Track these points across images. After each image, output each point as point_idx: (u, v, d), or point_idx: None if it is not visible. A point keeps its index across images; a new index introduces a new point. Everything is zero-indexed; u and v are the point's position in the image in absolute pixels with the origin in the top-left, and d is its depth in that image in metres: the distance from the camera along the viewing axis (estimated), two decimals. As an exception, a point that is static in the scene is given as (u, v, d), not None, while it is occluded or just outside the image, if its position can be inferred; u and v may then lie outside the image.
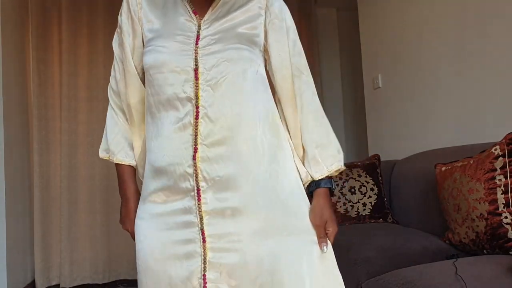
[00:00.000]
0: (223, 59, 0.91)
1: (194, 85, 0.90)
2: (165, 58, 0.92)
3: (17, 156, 2.84)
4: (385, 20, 2.82)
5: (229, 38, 0.93)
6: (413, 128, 2.55)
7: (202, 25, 0.94)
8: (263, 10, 0.97)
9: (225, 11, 0.96)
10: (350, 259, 1.60)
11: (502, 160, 1.39)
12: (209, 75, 0.90)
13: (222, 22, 0.95)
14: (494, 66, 1.90)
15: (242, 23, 0.96)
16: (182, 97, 0.91)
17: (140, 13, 0.98)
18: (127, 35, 0.99)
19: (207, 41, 0.92)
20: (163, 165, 0.92)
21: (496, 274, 1.13)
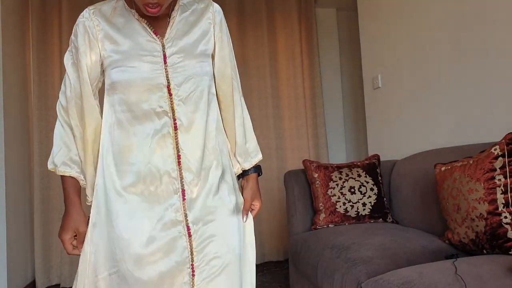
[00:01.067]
0: (191, 76, 1.04)
1: (168, 100, 1.02)
2: (137, 77, 1.00)
3: (17, 156, 2.85)
4: (385, 20, 2.82)
5: (193, 56, 1.05)
6: (413, 128, 2.55)
7: (166, 44, 1.03)
8: (212, 25, 1.11)
9: (182, 29, 1.07)
10: (350, 259, 1.60)
11: (501, 160, 1.39)
12: (180, 91, 1.03)
13: (184, 40, 1.05)
14: (494, 66, 1.90)
15: (200, 39, 1.08)
16: (158, 111, 1.02)
17: (98, 34, 1.03)
18: (83, 55, 1.03)
19: (174, 59, 1.03)
20: (148, 172, 1.02)
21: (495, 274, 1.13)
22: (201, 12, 1.11)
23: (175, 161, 1.03)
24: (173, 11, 1.07)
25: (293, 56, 3.67)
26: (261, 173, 1.25)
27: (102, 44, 1.03)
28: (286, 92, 3.64)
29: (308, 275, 1.96)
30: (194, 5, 1.11)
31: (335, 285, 1.63)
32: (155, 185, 1.03)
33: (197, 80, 1.05)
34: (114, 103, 1.04)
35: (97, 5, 1.06)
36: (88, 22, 1.03)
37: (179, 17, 1.07)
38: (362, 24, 3.16)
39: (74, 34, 1.05)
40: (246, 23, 3.57)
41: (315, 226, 2.17)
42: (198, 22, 1.10)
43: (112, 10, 1.05)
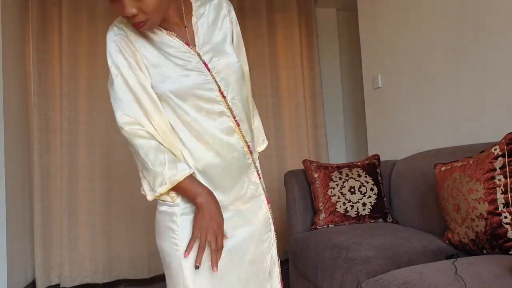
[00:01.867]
0: (230, 78, 1.09)
1: (224, 102, 1.07)
2: (192, 85, 1.03)
3: (17, 156, 2.85)
4: (385, 20, 2.82)
5: (224, 58, 1.09)
6: (413, 128, 2.55)
7: (201, 53, 1.07)
8: (229, 21, 1.16)
9: (206, 34, 1.10)
10: (349, 259, 1.60)
11: (501, 160, 1.39)
12: (228, 94, 1.08)
13: (212, 46, 1.10)
14: (494, 66, 1.90)
15: (224, 37, 1.13)
16: (219, 111, 1.06)
17: (136, 46, 1.04)
18: (137, 68, 1.03)
19: (213, 64, 1.07)
20: (225, 163, 1.08)
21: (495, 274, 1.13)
22: (216, 10, 1.14)
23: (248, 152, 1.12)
24: (192, 17, 1.10)
25: (293, 56, 3.67)
26: None
27: (142, 54, 1.04)
28: (286, 92, 3.64)
29: (308, 275, 1.96)
30: (207, 5, 1.14)
31: (335, 285, 1.63)
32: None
33: (236, 81, 1.11)
34: (176, 108, 1.04)
35: (120, 20, 1.06)
36: (124, 36, 1.04)
37: (199, 23, 1.10)
38: (362, 24, 3.16)
39: (117, 52, 1.03)
40: (246, 23, 3.57)
41: (315, 226, 2.17)
42: (217, 21, 1.13)
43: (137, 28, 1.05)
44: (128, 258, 3.17)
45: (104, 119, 3.20)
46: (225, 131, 1.07)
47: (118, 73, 1.04)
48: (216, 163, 1.06)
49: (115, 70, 1.04)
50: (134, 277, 3.18)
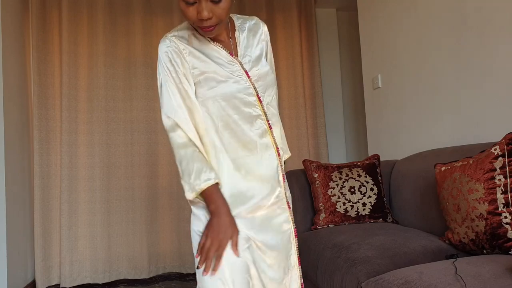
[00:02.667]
0: (266, 87, 1.22)
1: (260, 106, 1.19)
2: (236, 89, 1.15)
3: (17, 156, 2.85)
4: (385, 20, 2.82)
5: (262, 68, 1.22)
6: (413, 128, 2.55)
7: (242, 62, 1.20)
8: (264, 41, 1.29)
9: (246, 47, 1.23)
10: (349, 259, 1.60)
11: (501, 160, 1.39)
12: (264, 99, 1.21)
13: (252, 56, 1.23)
14: (494, 66, 1.90)
15: (261, 53, 1.26)
16: (255, 115, 1.18)
17: (186, 56, 1.16)
18: (183, 76, 1.15)
19: (253, 73, 1.20)
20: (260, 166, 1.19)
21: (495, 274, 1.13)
22: (254, 29, 1.28)
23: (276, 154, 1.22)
24: (235, 31, 1.24)
25: (293, 56, 3.67)
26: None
27: (191, 64, 1.15)
28: (286, 92, 3.64)
29: (308, 275, 1.96)
30: (247, 23, 1.28)
31: (335, 285, 1.63)
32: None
33: (269, 89, 1.24)
34: (224, 108, 1.16)
35: (173, 32, 1.19)
36: (175, 48, 1.15)
37: (241, 37, 1.24)
38: (362, 24, 3.16)
39: (167, 62, 1.15)
40: (246, 23, 3.57)
41: (315, 226, 2.17)
42: (255, 38, 1.27)
43: (187, 36, 1.18)
44: (128, 258, 3.17)
45: (104, 119, 3.20)
46: (260, 133, 1.19)
47: (165, 81, 1.15)
48: (251, 160, 1.17)
49: (163, 78, 1.16)
50: (134, 277, 3.18)
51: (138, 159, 3.25)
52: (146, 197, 3.25)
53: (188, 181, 1.11)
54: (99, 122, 3.19)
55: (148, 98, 3.31)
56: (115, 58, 3.27)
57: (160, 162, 3.30)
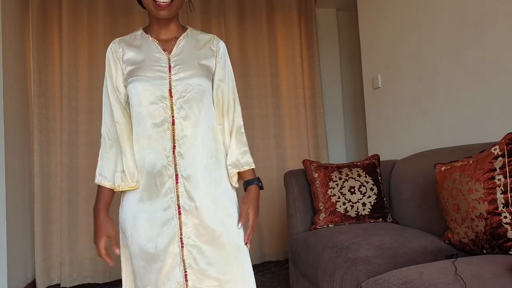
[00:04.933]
0: (189, 82, 1.23)
1: (169, 100, 1.22)
2: (145, 83, 1.21)
3: (17, 156, 2.85)
4: (385, 20, 2.83)
5: (193, 68, 1.25)
6: (413, 128, 2.55)
7: (171, 58, 1.26)
8: (214, 52, 1.32)
9: (186, 49, 1.29)
10: (349, 259, 1.60)
11: (501, 160, 1.39)
12: (177, 93, 1.22)
13: (187, 57, 1.27)
14: (494, 66, 1.90)
15: (202, 58, 1.29)
16: (160, 117, 1.22)
17: (122, 56, 1.28)
18: (114, 72, 1.28)
19: (176, 69, 1.24)
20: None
21: (495, 274, 1.13)
22: (206, 41, 1.33)
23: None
24: (180, 36, 1.31)
25: (293, 56, 3.67)
26: (260, 185, 1.35)
27: (123, 62, 1.27)
28: (286, 92, 3.64)
29: (308, 275, 1.96)
30: (200, 35, 1.35)
31: (335, 285, 1.63)
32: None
33: (193, 88, 1.24)
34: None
35: (122, 37, 1.33)
36: (113, 49, 1.29)
37: (185, 41, 1.30)
38: (362, 24, 3.16)
39: (106, 60, 1.29)
40: (246, 23, 3.57)
41: (315, 226, 2.17)
42: (202, 47, 1.31)
43: (132, 38, 1.31)
44: (128, 258, 3.17)
45: (104, 118, 3.19)
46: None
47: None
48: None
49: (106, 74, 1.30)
50: (134, 277, 3.18)
51: (138, 159, 3.25)
52: (146, 197, 3.25)
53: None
54: (99, 122, 3.17)
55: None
56: (115, 58, 3.27)
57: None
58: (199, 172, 1.22)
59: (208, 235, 1.20)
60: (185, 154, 1.21)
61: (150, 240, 1.20)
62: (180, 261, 1.19)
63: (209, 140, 1.26)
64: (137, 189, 1.24)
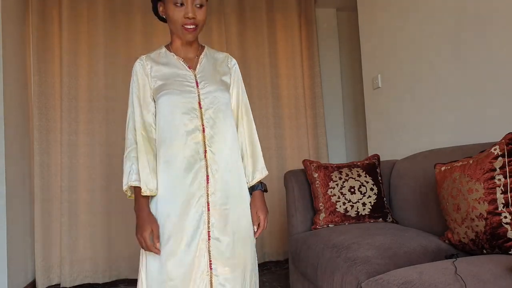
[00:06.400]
0: (214, 95, 1.41)
1: (199, 111, 1.39)
2: (177, 96, 1.37)
3: (17, 156, 2.85)
4: (385, 20, 2.83)
5: (216, 82, 1.44)
6: (413, 128, 2.55)
7: (197, 75, 1.43)
8: (229, 69, 1.53)
9: (207, 67, 1.47)
10: (349, 259, 1.60)
11: (501, 160, 1.40)
12: (205, 104, 1.40)
13: (209, 73, 1.45)
14: (494, 66, 1.90)
15: (221, 74, 1.49)
16: (191, 127, 1.38)
17: (149, 71, 1.43)
18: (141, 86, 1.42)
19: (202, 84, 1.42)
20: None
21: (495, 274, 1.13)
22: (222, 60, 1.53)
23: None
24: (201, 54, 1.49)
25: (293, 56, 3.67)
26: (265, 190, 1.53)
27: (152, 77, 1.42)
28: (286, 92, 3.64)
29: (308, 275, 1.96)
30: (216, 54, 1.54)
31: (335, 285, 1.63)
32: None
33: (218, 100, 1.42)
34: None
35: (148, 54, 1.48)
36: (141, 64, 1.44)
37: (205, 59, 1.48)
38: (362, 24, 3.16)
39: (133, 74, 1.43)
40: (246, 23, 3.57)
41: (315, 226, 2.17)
42: (220, 65, 1.51)
43: (157, 55, 1.46)
44: (128, 258, 3.18)
45: (104, 118, 3.20)
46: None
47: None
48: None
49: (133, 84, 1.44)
50: (134, 277, 3.18)
51: (138, 159, 3.25)
52: (146, 197, 3.25)
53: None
54: (99, 122, 3.19)
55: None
56: (115, 57, 3.27)
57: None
58: (226, 172, 1.39)
59: (228, 227, 1.37)
60: (215, 157, 1.37)
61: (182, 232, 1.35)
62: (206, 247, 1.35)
63: (234, 145, 1.43)
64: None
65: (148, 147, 1.36)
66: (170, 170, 1.35)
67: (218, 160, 1.37)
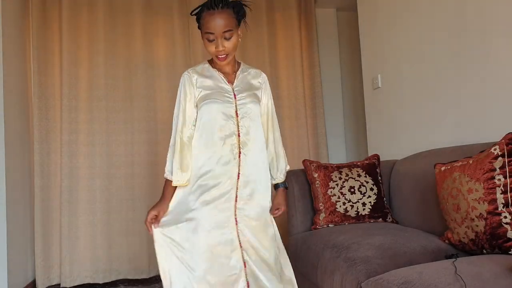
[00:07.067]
0: (248, 107, 1.66)
1: (235, 119, 1.63)
2: (219, 105, 1.62)
3: (17, 156, 2.85)
4: (385, 20, 2.83)
5: (249, 96, 1.68)
6: (413, 128, 2.55)
7: (234, 89, 1.67)
8: (261, 84, 1.77)
9: (243, 82, 1.71)
10: (349, 259, 1.60)
11: (501, 160, 1.40)
12: (241, 114, 1.65)
13: (244, 88, 1.70)
14: (494, 66, 1.91)
15: (254, 89, 1.73)
16: (229, 133, 1.63)
17: (195, 82, 1.67)
18: (188, 94, 1.66)
19: (239, 97, 1.66)
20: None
21: (495, 274, 1.13)
22: (255, 75, 1.77)
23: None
24: (238, 70, 1.72)
25: (293, 56, 3.67)
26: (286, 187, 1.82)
27: (196, 87, 1.65)
28: (286, 92, 3.64)
29: (308, 275, 1.96)
30: (250, 70, 1.77)
31: (335, 285, 1.63)
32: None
33: (250, 110, 1.66)
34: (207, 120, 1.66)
35: (192, 67, 1.72)
36: (188, 76, 1.67)
37: (241, 75, 1.72)
38: (362, 24, 3.16)
39: (181, 85, 1.67)
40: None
41: (315, 226, 2.17)
42: (253, 80, 1.75)
43: (202, 69, 1.70)
44: (128, 258, 3.17)
45: (104, 118, 3.20)
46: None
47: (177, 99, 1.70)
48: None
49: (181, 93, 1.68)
50: (134, 277, 3.18)
51: (138, 159, 3.25)
52: (146, 197, 3.25)
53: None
54: (99, 122, 3.19)
55: (148, 98, 3.31)
56: (115, 58, 3.27)
57: (160, 162, 3.30)
58: (255, 172, 1.65)
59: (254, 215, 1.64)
60: (247, 158, 1.62)
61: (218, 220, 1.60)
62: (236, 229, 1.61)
63: (263, 149, 1.69)
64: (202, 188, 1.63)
65: (184, 146, 1.62)
66: (210, 163, 1.61)
67: (248, 163, 1.63)
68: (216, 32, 1.56)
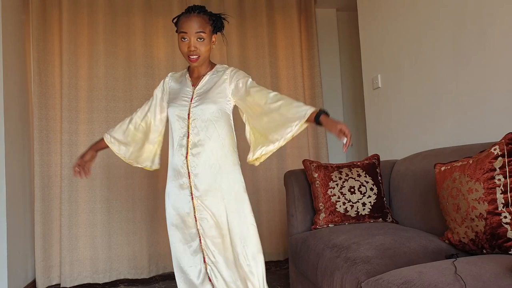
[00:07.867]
0: (199, 108, 1.70)
1: (187, 121, 1.71)
2: (175, 109, 1.74)
3: (17, 156, 2.85)
4: (385, 20, 2.83)
5: (207, 98, 1.72)
6: (413, 128, 2.55)
7: (196, 91, 1.75)
8: (228, 77, 1.76)
9: (208, 83, 1.76)
10: (349, 259, 1.60)
11: (501, 160, 1.40)
12: (192, 115, 1.71)
13: (207, 88, 1.75)
14: (494, 66, 1.91)
15: (218, 86, 1.74)
16: (183, 128, 1.73)
17: (167, 87, 1.86)
18: (160, 95, 1.87)
19: (195, 100, 1.73)
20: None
21: (495, 274, 1.13)
22: (222, 73, 1.77)
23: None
24: (207, 74, 1.77)
25: (293, 56, 3.67)
26: (327, 113, 1.59)
27: (168, 92, 1.84)
28: (286, 92, 3.64)
29: (308, 275, 1.96)
30: (222, 70, 1.78)
31: (335, 284, 1.63)
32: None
33: (203, 112, 1.70)
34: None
35: (175, 72, 1.90)
36: (163, 82, 1.87)
37: (209, 77, 1.77)
38: (362, 24, 3.16)
39: (161, 84, 1.88)
40: (246, 23, 3.57)
41: (315, 226, 2.17)
42: (219, 78, 1.76)
43: (180, 75, 1.85)
44: (128, 258, 3.18)
45: (104, 118, 3.20)
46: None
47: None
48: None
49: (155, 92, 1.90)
50: (134, 276, 3.18)
51: (138, 159, 3.25)
52: (146, 197, 3.25)
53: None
54: (99, 122, 3.19)
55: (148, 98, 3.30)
56: (115, 58, 3.27)
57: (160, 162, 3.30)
58: (204, 171, 1.68)
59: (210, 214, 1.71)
60: (197, 159, 1.67)
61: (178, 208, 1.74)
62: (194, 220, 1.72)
63: (216, 148, 1.69)
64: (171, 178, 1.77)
65: (131, 128, 1.85)
66: (172, 162, 1.76)
67: (197, 162, 1.68)
68: (189, 32, 1.66)
